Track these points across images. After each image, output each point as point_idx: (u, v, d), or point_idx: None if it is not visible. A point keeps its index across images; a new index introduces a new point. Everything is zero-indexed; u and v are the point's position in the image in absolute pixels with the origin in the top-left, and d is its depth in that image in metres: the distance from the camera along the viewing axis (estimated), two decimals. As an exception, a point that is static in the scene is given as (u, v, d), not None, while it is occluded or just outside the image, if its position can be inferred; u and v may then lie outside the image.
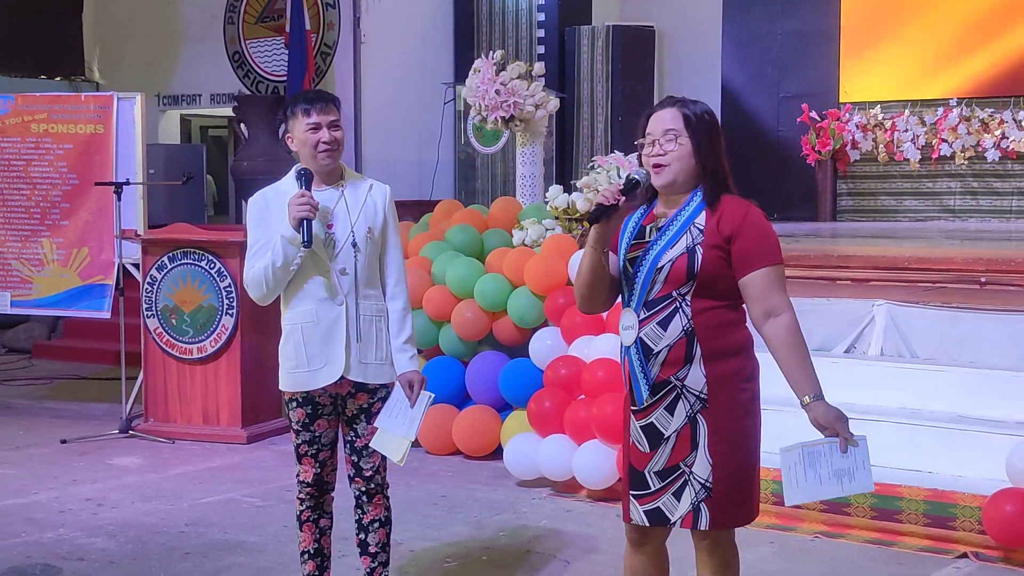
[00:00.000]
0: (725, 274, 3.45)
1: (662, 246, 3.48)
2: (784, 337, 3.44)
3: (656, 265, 3.46)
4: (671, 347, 3.45)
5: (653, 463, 3.54)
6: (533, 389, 6.84)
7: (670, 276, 3.44)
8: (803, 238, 9.31)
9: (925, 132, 12.02)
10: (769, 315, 3.44)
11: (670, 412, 3.49)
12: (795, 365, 3.44)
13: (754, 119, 13.21)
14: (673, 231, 3.48)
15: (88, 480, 6.88)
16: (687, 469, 3.49)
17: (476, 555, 5.47)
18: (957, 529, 5.36)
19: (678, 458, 3.50)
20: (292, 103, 4.24)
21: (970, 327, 6.34)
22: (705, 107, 3.58)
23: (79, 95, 9.97)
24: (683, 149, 3.48)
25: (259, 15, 14.11)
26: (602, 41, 13.38)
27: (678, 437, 3.49)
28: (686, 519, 3.51)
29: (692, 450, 3.48)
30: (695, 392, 3.46)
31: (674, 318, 3.45)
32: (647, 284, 3.48)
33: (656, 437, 3.53)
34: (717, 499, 3.48)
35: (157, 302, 7.99)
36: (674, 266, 3.44)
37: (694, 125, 3.50)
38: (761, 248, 3.44)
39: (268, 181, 4.34)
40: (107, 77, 15.10)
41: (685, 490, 3.50)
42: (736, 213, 3.46)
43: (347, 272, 4.18)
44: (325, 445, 4.31)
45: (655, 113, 3.58)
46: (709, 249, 3.43)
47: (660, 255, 3.46)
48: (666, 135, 3.50)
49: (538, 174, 8.97)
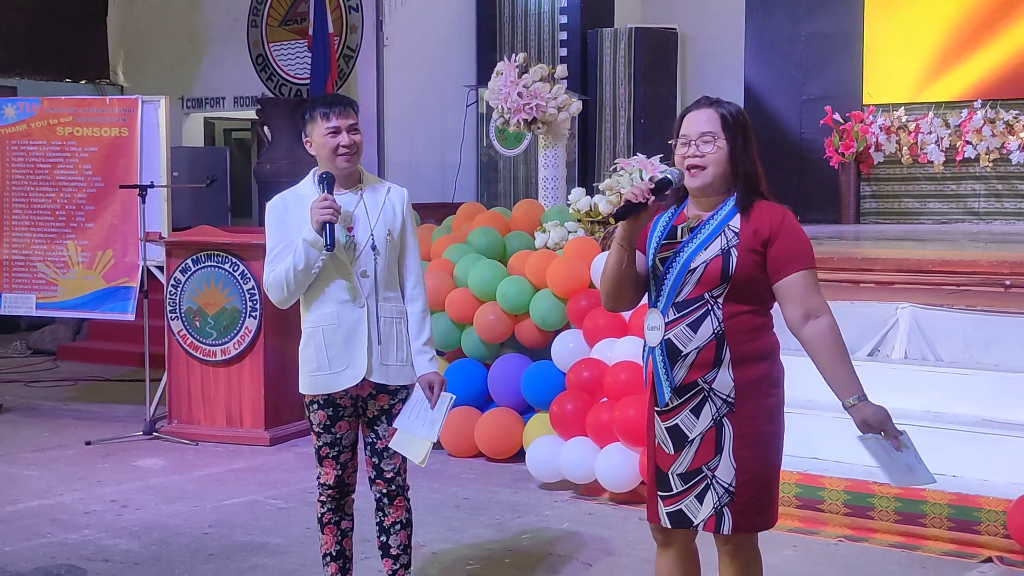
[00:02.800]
0: (758, 278, 3.44)
1: (695, 247, 3.46)
2: (826, 338, 3.43)
3: (689, 267, 3.44)
4: (700, 349, 3.44)
5: (677, 465, 3.54)
6: (555, 392, 6.83)
7: (703, 278, 3.43)
8: (826, 240, 9.28)
9: (949, 134, 11.97)
10: (809, 317, 3.43)
11: (696, 415, 3.48)
12: (838, 366, 3.43)
13: (777, 121, 13.19)
14: (707, 233, 3.47)
15: (112, 481, 6.91)
16: (710, 473, 3.48)
17: (498, 557, 5.47)
18: (982, 533, 5.33)
19: (702, 461, 3.49)
20: (311, 107, 4.24)
21: (994, 330, 6.31)
22: (739, 108, 3.56)
23: (104, 98, 10.01)
24: (720, 153, 3.46)
25: (282, 18, 14.15)
26: (624, 43, 13.37)
27: (703, 440, 3.48)
28: (708, 523, 3.50)
29: (716, 454, 3.47)
30: (722, 396, 3.45)
31: (705, 320, 3.44)
32: (677, 285, 3.47)
33: (681, 439, 3.52)
34: (740, 504, 3.47)
35: (181, 304, 8.02)
36: (708, 268, 3.42)
37: (731, 127, 3.47)
38: (799, 251, 3.44)
39: (291, 183, 4.35)
40: (132, 80, 15.17)
41: (708, 493, 3.49)
42: (774, 217, 3.45)
43: (367, 275, 4.19)
44: (346, 447, 4.32)
45: (690, 113, 3.54)
46: (745, 252, 3.42)
47: (693, 256, 3.45)
48: (703, 137, 3.46)
49: (560, 176, 8.97)
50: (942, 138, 11.98)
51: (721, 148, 3.45)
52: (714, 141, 3.45)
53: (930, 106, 12.21)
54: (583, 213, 7.92)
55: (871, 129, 12.29)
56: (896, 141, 12.25)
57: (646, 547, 4.48)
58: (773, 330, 3.52)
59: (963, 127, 11.82)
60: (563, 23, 13.77)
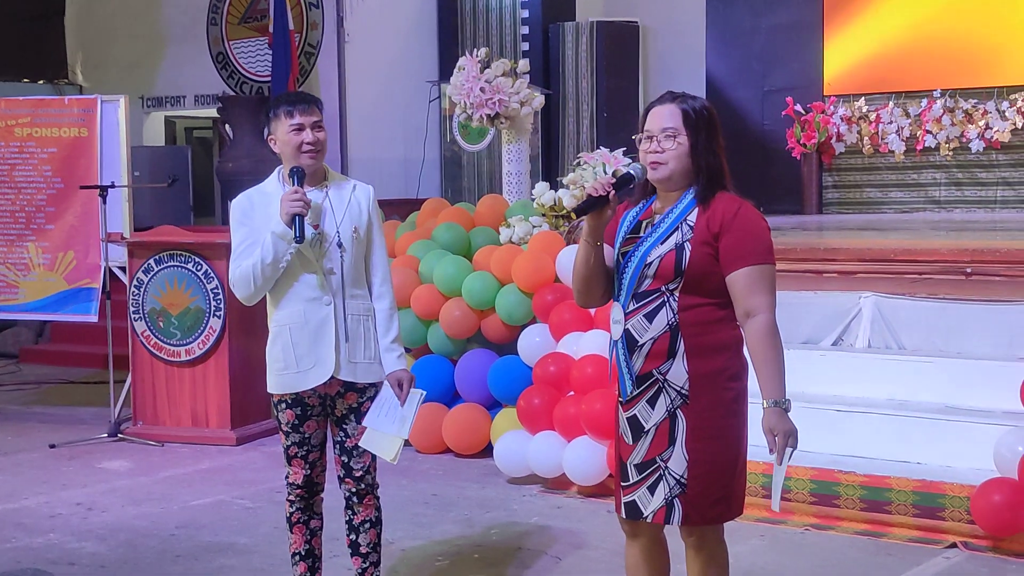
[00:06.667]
0: (714, 272, 3.44)
1: (652, 242, 3.48)
2: (757, 338, 3.43)
3: (645, 260, 3.47)
4: (655, 340, 3.46)
5: (634, 455, 3.57)
6: (522, 386, 6.84)
7: (659, 272, 3.45)
8: (789, 231, 9.32)
9: (909, 123, 12.03)
10: (748, 315, 3.44)
11: (651, 405, 3.51)
12: (761, 367, 3.44)
13: (739, 113, 13.21)
14: (664, 227, 3.49)
15: (78, 484, 6.86)
16: (663, 464, 3.51)
17: (467, 553, 5.48)
18: (946, 519, 5.39)
19: (655, 452, 3.52)
20: (274, 105, 4.23)
21: (957, 318, 6.36)
22: (704, 103, 3.56)
23: (63, 98, 9.93)
24: (681, 148, 3.47)
25: (242, 16, 14.07)
26: (586, 37, 13.37)
27: (657, 431, 3.51)
28: (658, 514, 3.53)
29: (669, 445, 3.49)
30: (676, 387, 3.47)
31: (660, 312, 3.46)
32: (635, 279, 3.49)
33: (638, 430, 3.55)
34: (691, 496, 3.48)
35: (144, 305, 7.97)
36: (662, 262, 3.44)
37: (693, 122, 3.49)
38: (748, 246, 3.43)
39: (254, 182, 4.34)
40: (90, 80, 15.05)
41: (660, 484, 3.51)
42: (728, 211, 3.45)
43: (334, 272, 4.19)
44: (315, 446, 4.31)
45: (654, 108, 3.56)
46: (698, 246, 3.43)
47: (649, 251, 3.47)
48: (664, 132, 3.48)
49: (524, 171, 8.96)
50: (902, 128, 12.04)
51: (682, 144, 3.47)
52: (675, 136, 3.47)
53: (890, 96, 12.28)
54: (547, 207, 7.92)
55: (832, 120, 12.33)
56: (857, 131, 12.30)
57: (615, 540, 4.49)
58: (736, 324, 3.52)
59: (923, 116, 11.89)
60: (524, 17, 13.75)
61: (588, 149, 11.55)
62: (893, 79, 12.36)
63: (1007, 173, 11.67)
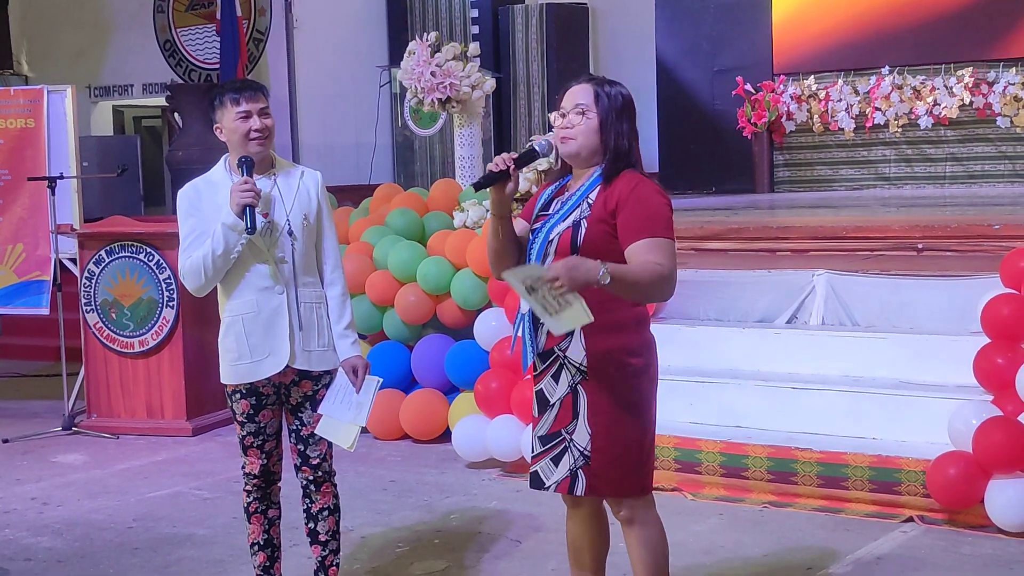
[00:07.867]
0: (612, 249, 3.46)
1: (556, 219, 3.57)
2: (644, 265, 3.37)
3: (548, 238, 3.56)
4: None
5: (539, 428, 3.68)
6: (479, 371, 6.84)
7: (558, 248, 3.52)
8: (741, 210, 9.35)
9: (859, 101, 12.10)
10: None
11: (555, 380, 3.63)
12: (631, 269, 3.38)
13: (690, 93, 13.23)
14: (569, 205, 3.58)
15: (32, 479, 6.80)
16: (568, 436, 3.60)
17: (427, 538, 5.47)
18: (902, 494, 5.43)
19: (560, 425, 3.62)
20: (219, 93, 4.19)
21: (909, 293, 6.41)
22: (622, 89, 3.64)
23: (8, 89, 9.79)
24: (590, 124, 3.56)
25: (189, 3, 13.96)
26: (536, 20, 13.37)
27: (561, 405, 3.61)
28: (562, 484, 3.61)
29: (573, 419, 3.59)
30: (575, 364, 3.56)
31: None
32: (540, 255, 3.57)
33: (544, 403, 3.66)
34: (595, 468, 3.56)
35: (96, 297, 7.90)
36: (561, 239, 3.53)
37: (603, 102, 3.57)
38: (643, 221, 3.45)
39: (204, 170, 4.31)
40: (36, 70, 14.88)
41: (565, 456, 3.60)
42: (625, 187, 3.50)
43: (285, 261, 4.16)
44: (270, 435, 4.29)
45: (570, 88, 3.67)
46: (594, 223, 3.49)
47: (552, 228, 3.57)
48: (575, 108, 3.58)
49: (477, 155, 8.96)
50: (852, 105, 12.11)
51: (591, 120, 3.56)
52: (585, 113, 3.56)
53: (839, 74, 12.34)
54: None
55: (782, 99, 12.39)
56: (807, 109, 12.36)
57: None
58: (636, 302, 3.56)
59: (872, 94, 11.96)
60: (474, 1, 13.73)
61: (540, 132, 11.56)
62: (842, 57, 12.42)
63: (955, 149, 11.78)
